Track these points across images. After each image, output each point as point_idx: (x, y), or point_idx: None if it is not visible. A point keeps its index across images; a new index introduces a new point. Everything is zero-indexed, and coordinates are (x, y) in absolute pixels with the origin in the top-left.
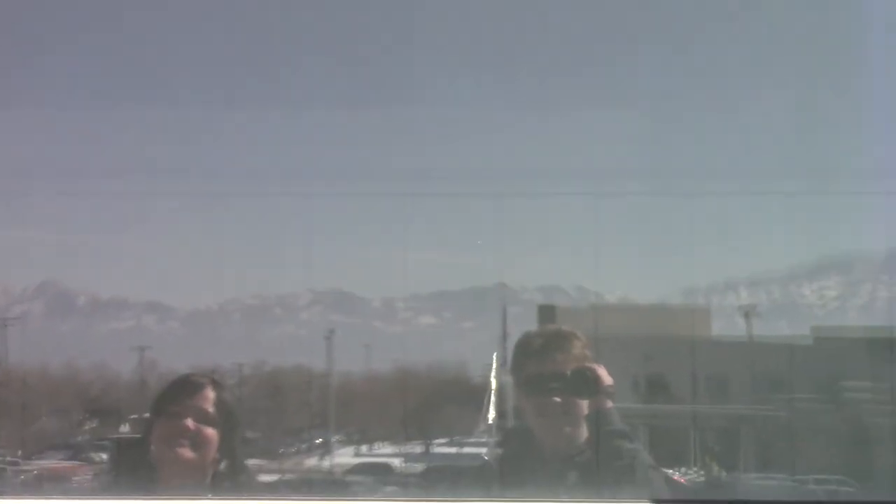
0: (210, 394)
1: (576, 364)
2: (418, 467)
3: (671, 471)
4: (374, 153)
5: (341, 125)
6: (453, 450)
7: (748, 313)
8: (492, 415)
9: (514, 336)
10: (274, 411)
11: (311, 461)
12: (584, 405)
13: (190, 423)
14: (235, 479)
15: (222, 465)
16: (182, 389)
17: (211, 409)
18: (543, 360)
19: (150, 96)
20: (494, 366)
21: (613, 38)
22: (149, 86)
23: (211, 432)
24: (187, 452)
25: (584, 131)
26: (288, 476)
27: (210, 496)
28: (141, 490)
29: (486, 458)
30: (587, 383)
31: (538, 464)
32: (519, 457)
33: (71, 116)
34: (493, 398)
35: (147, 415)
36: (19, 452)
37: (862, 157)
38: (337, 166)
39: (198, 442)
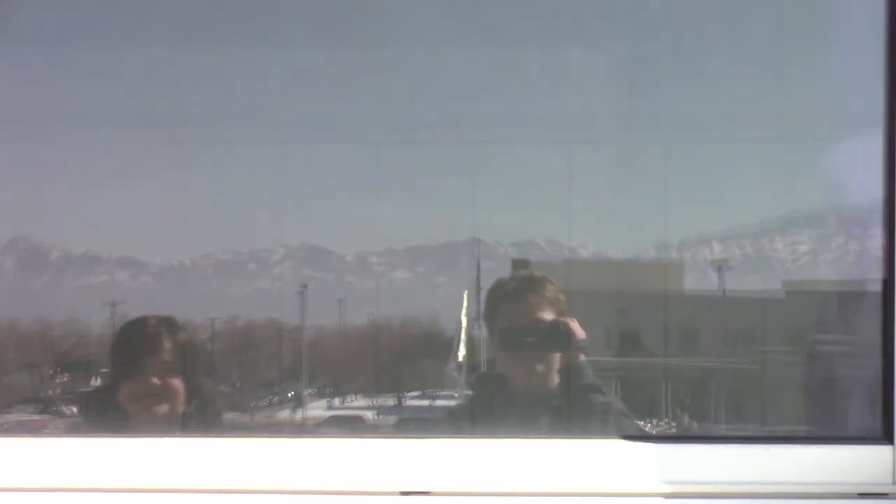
0: (167, 343)
1: (549, 307)
2: (391, 419)
3: (643, 422)
4: (344, 100)
5: (313, 70)
6: (426, 402)
7: (721, 268)
8: (462, 353)
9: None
10: (246, 365)
11: (283, 414)
12: (558, 358)
13: (156, 380)
14: (205, 415)
15: (192, 405)
16: (139, 344)
17: (171, 358)
18: (516, 301)
19: (118, 38)
20: (465, 304)
21: None
22: (117, 26)
23: (177, 382)
24: (160, 408)
25: (558, 75)
26: (259, 429)
27: (178, 434)
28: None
29: (456, 396)
30: (560, 337)
31: (510, 407)
32: (490, 400)
33: (38, 59)
34: (463, 336)
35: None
36: None
37: (831, 102)
38: (307, 113)
39: (167, 395)
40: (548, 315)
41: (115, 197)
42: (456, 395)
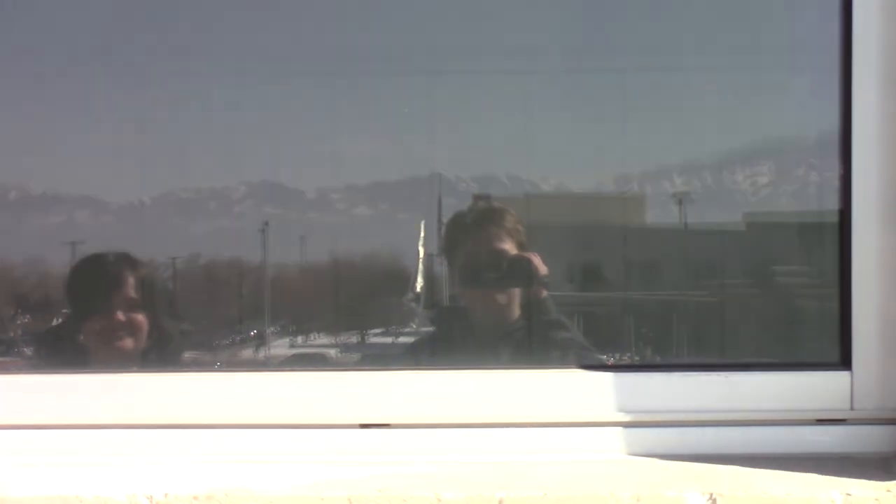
0: (130, 278)
1: (509, 238)
2: (354, 357)
3: (605, 356)
4: (301, 31)
5: (269, 3)
6: (389, 339)
7: (682, 200)
8: (420, 283)
9: None
10: (208, 304)
11: (246, 353)
12: (519, 293)
13: (121, 315)
14: (165, 351)
15: (152, 340)
16: (102, 280)
17: (135, 293)
18: (478, 231)
19: None
20: (422, 234)
21: None
22: None
23: (141, 317)
24: (125, 343)
25: (514, 4)
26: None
27: (139, 370)
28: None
29: (414, 326)
30: (522, 273)
31: (470, 341)
32: (451, 334)
33: None
34: (420, 267)
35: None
36: None
37: (789, 30)
38: (265, 46)
39: (132, 330)
40: (508, 246)
41: (74, 135)
42: (414, 326)
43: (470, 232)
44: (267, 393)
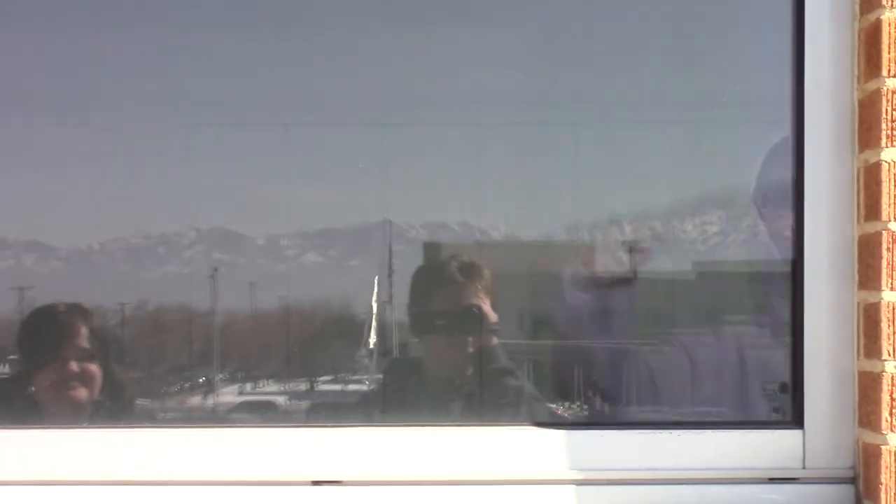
0: (83, 328)
1: (486, 295)
2: (303, 405)
3: (554, 405)
4: (252, 82)
5: (221, 52)
6: (338, 387)
7: (632, 249)
8: (373, 339)
9: (401, 273)
10: (156, 350)
11: (195, 400)
12: (470, 341)
13: (74, 365)
14: (118, 401)
15: (105, 390)
16: (55, 330)
17: (88, 344)
18: (468, 285)
19: (23, 20)
20: (376, 289)
21: None
22: (22, 6)
23: (94, 368)
24: (78, 393)
25: (467, 56)
26: (170, 415)
27: (87, 425)
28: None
29: (367, 381)
30: (472, 321)
31: (422, 393)
32: (402, 386)
33: None
34: (374, 323)
35: (18, 354)
36: None
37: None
38: (216, 96)
39: (85, 380)
40: (473, 298)
41: (22, 180)
42: (367, 380)
43: (462, 282)
44: (216, 449)
